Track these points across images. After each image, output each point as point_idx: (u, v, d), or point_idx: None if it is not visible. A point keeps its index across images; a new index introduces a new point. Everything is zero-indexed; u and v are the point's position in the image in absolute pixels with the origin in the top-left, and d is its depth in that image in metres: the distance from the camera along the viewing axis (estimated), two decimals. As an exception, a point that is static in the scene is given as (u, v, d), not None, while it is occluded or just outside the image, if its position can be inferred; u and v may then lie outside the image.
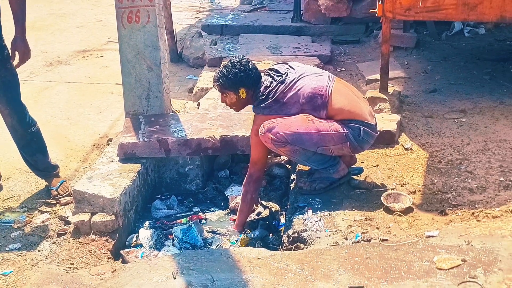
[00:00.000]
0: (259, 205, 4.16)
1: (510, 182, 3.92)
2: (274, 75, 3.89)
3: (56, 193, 4.29)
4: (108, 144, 4.90)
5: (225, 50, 6.95)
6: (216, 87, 3.96)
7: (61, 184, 4.43)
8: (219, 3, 10.45)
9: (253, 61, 4.00)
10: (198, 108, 5.43)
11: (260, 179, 4.02)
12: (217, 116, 4.66)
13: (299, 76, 3.87)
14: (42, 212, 4.25)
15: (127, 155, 4.29)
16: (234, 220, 4.15)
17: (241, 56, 3.95)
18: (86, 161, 4.99)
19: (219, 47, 7.16)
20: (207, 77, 6.29)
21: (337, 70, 6.42)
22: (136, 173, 4.14)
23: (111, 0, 4.60)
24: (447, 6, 4.86)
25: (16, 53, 4.12)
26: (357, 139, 3.79)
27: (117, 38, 4.74)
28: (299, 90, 3.81)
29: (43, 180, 4.54)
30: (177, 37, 7.77)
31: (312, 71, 4.00)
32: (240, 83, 3.82)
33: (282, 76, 3.86)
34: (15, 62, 4.14)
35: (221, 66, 3.94)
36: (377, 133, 3.96)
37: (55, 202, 4.36)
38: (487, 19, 5.20)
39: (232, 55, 6.58)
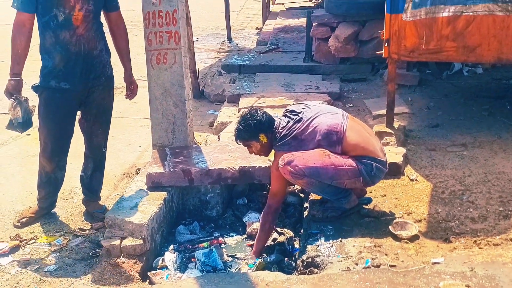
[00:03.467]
0: (274, 232, 4.14)
1: (509, 212, 3.87)
2: (291, 115, 3.92)
3: (102, 215, 4.29)
4: (137, 174, 4.91)
5: (243, 88, 6.97)
6: (240, 143, 4.00)
7: (104, 209, 4.46)
8: (237, 44, 10.51)
9: (267, 98, 4.02)
10: (218, 140, 5.43)
11: (278, 210, 4.01)
12: (236, 148, 4.66)
13: (315, 115, 3.87)
14: (76, 236, 4.25)
15: (154, 184, 4.29)
16: (251, 245, 4.12)
17: (248, 108, 4.00)
18: (117, 189, 5.00)
19: (238, 84, 7.18)
20: (226, 112, 6.31)
21: (346, 106, 6.41)
22: (163, 201, 4.14)
23: (141, 42, 4.65)
24: (448, 48, 4.86)
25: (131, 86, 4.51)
26: (369, 174, 3.77)
27: (145, 76, 4.78)
28: (315, 127, 3.81)
29: (84, 205, 4.59)
30: (199, 75, 7.82)
31: (327, 109, 4.01)
32: (257, 131, 3.86)
33: (299, 115, 3.88)
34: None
35: (236, 124, 3.98)
36: (387, 168, 3.94)
37: (89, 227, 4.37)
38: (485, 61, 5.21)
39: (249, 92, 6.67)
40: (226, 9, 10.53)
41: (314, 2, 11.33)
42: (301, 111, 3.91)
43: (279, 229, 4.17)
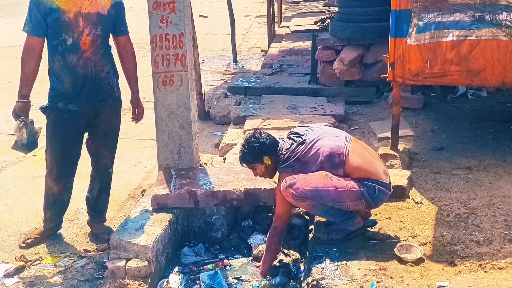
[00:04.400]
0: (281, 253, 4.13)
1: (514, 236, 3.86)
2: (294, 137, 3.95)
3: (107, 237, 4.28)
4: (142, 195, 4.92)
5: (249, 110, 7.00)
6: (244, 166, 4.03)
7: (110, 230, 4.47)
8: (242, 66, 10.57)
9: (273, 120, 4.04)
10: (224, 162, 5.45)
11: (283, 232, 4.01)
12: (242, 170, 4.67)
13: (318, 137, 3.89)
14: (81, 257, 4.25)
15: (159, 205, 4.30)
16: (258, 267, 4.12)
17: (253, 131, 4.03)
18: (122, 210, 5.00)
19: (243, 106, 7.21)
20: (232, 133, 6.33)
21: (351, 128, 6.43)
22: (168, 222, 4.14)
23: (148, 64, 4.70)
24: (452, 72, 4.89)
25: (136, 109, 4.55)
26: (372, 197, 3.77)
27: (151, 98, 4.81)
28: (318, 149, 3.83)
29: (89, 226, 4.60)
30: (205, 97, 7.86)
31: (330, 132, 4.03)
32: (261, 153, 3.88)
33: (302, 138, 3.90)
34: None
35: (240, 147, 4.02)
36: (390, 191, 3.94)
37: (94, 248, 4.37)
38: (489, 85, 5.23)
39: (254, 114, 6.70)
40: (232, 32, 10.61)
41: (319, 26, 11.39)
42: (305, 133, 3.94)
43: (285, 251, 4.17)
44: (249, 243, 4.46)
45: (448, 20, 4.79)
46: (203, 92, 7.63)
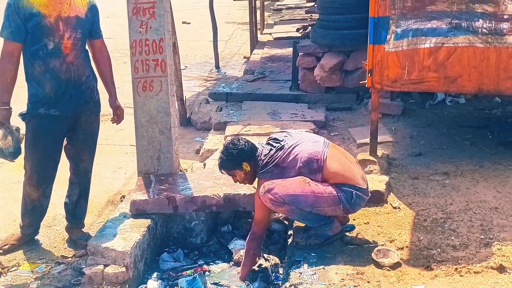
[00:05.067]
0: (261, 257, 4.13)
1: (490, 240, 3.90)
2: (273, 143, 3.96)
3: (85, 243, 4.22)
4: (122, 201, 4.89)
5: (230, 116, 7.00)
6: (223, 172, 4.03)
7: (88, 236, 4.43)
8: (225, 73, 10.57)
9: (254, 126, 4.05)
10: (204, 167, 5.43)
11: (262, 237, 4.02)
12: (221, 175, 4.64)
13: (296, 142, 3.91)
14: (59, 263, 4.22)
15: (138, 211, 4.28)
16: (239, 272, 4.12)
17: (231, 137, 4.04)
18: (101, 216, 4.97)
19: (224, 112, 7.21)
20: (213, 139, 6.32)
21: (331, 134, 6.45)
22: (146, 228, 4.12)
23: (129, 70, 4.69)
24: (429, 79, 4.93)
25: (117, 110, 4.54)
26: (349, 202, 3.79)
27: (132, 103, 4.79)
28: (297, 155, 3.85)
29: (67, 232, 4.56)
30: (187, 103, 7.84)
31: (309, 137, 4.06)
32: (240, 160, 3.88)
33: (280, 143, 3.92)
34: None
35: (219, 154, 4.02)
36: (368, 196, 3.96)
37: (72, 254, 4.34)
38: (466, 91, 5.30)
39: (235, 120, 6.70)
40: (214, 39, 10.62)
41: (301, 33, 11.42)
42: (283, 139, 3.95)
43: (265, 256, 4.17)
44: (229, 248, 4.45)
45: (425, 27, 4.83)
46: (184, 98, 7.62)
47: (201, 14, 15.32)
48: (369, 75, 5.04)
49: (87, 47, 4.29)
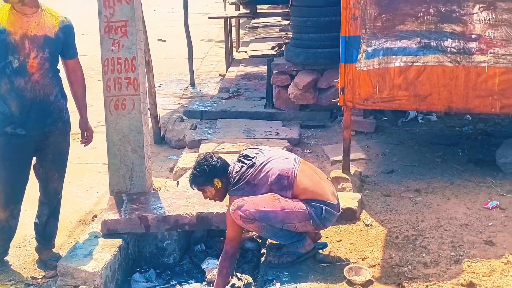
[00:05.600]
0: (234, 276, 4.10)
1: (460, 257, 3.93)
2: (245, 160, 3.97)
3: (56, 263, 4.15)
4: (93, 220, 4.84)
5: (204, 133, 6.99)
6: (194, 188, 4.02)
7: (58, 257, 4.36)
8: (200, 90, 10.55)
9: (228, 143, 4.06)
10: (177, 186, 5.41)
11: (235, 255, 4.00)
12: (194, 194, 4.63)
13: (267, 159, 3.93)
14: (28, 285, 4.15)
15: (109, 231, 4.23)
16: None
17: (204, 153, 4.03)
18: (72, 236, 4.91)
19: (199, 130, 7.20)
20: (187, 157, 6.30)
21: (305, 151, 6.48)
22: (118, 248, 4.08)
23: (101, 88, 4.66)
24: (400, 97, 5.00)
25: (85, 132, 4.49)
26: (319, 217, 3.81)
27: (104, 122, 4.76)
28: (268, 172, 3.86)
29: (37, 252, 4.49)
30: (161, 121, 7.81)
31: (279, 154, 4.07)
32: (212, 176, 3.88)
33: (252, 160, 3.92)
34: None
35: (191, 169, 4.00)
36: (339, 212, 3.98)
37: (42, 275, 4.27)
38: (436, 109, 5.37)
39: (210, 138, 6.69)
40: (189, 56, 10.61)
41: (276, 51, 11.48)
42: (255, 156, 3.96)
43: (239, 275, 4.14)
44: (202, 268, 4.41)
45: (395, 47, 4.90)
46: (158, 116, 7.59)
47: (176, 32, 15.32)
48: (341, 93, 5.09)
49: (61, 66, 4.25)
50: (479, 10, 4.70)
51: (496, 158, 5.39)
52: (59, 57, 4.21)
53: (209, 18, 12.32)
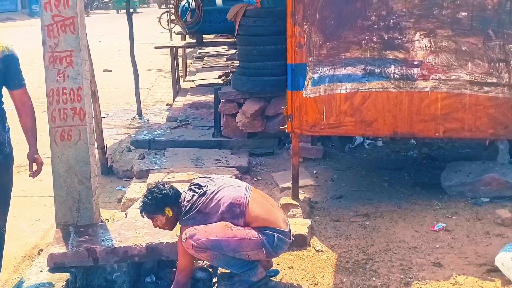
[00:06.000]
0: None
1: (410, 279, 3.99)
2: (196, 188, 3.95)
3: None
4: (39, 255, 4.69)
5: (152, 163, 6.92)
6: (144, 217, 3.97)
7: None
8: (147, 120, 10.49)
9: (177, 173, 4.03)
10: (126, 217, 5.32)
11: (186, 285, 3.97)
12: (144, 224, 4.57)
13: (219, 188, 3.92)
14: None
15: (56, 265, 4.11)
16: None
17: (156, 181, 4.01)
18: (17, 272, 4.74)
19: (147, 160, 7.13)
20: (135, 188, 6.22)
21: (254, 179, 6.49)
22: (65, 282, 3.97)
23: (46, 119, 4.57)
24: (347, 123, 5.09)
25: (34, 164, 4.27)
26: (271, 245, 3.81)
27: (50, 153, 4.66)
28: (219, 200, 3.85)
29: None
30: (108, 151, 7.70)
31: (231, 182, 4.07)
32: (163, 204, 3.85)
33: (203, 189, 3.91)
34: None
35: (142, 197, 3.95)
36: (290, 239, 3.99)
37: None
38: (382, 134, 5.49)
39: (158, 168, 6.63)
40: (136, 86, 10.56)
41: (223, 79, 11.56)
42: (206, 185, 3.95)
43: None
44: (153, 299, 4.34)
45: (341, 74, 5.01)
46: (105, 147, 7.48)
47: (122, 62, 15.24)
48: (288, 120, 5.15)
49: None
50: (420, 37, 4.86)
51: (441, 181, 5.53)
52: (2, 89, 4.09)
53: (155, 48, 12.31)
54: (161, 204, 3.86)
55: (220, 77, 11.99)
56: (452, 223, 4.83)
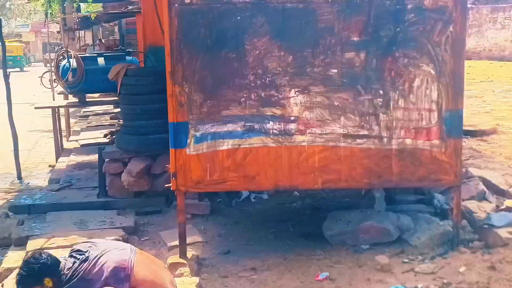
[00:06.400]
0: None
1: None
2: (77, 254, 3.83)
3: None
4: None
5: (32, 229, 6.60)
6: None
7: None
8: (28, 183, 10.05)
9: (59, 238, 3.90)
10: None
11: None
12: (22, 295, 4.33)
13: (102, 252, 3.82)
14: None
15: None
16: None
17: (32, 251, 3.86)
18: None
19: (26, 226, 6.79)
20: (13, 256, 5.88)
21: (142, 239, 6.36)
22: None
23: None
24: (231, 178, 5.17)
25: None
26: (155, 308, 3.74)
27: None
28: (103, 265, 3.75)
29: None
30: (-16, 219, 7.27)
31: (114, 245, 4.00)
32: (41, 275, 3.68)
33: (85, 254, 3.80)
34: None
35: (18, 270, 3.78)
36: (178, 301, 3.94)
37: None
38: (265, 188, 5.63)
39: (38, 233, 6.33)
40: (15, 148, 10.14)
41: (109, 138, 11.35)
42: (88, 250, 3.83)
43: None
44: None
45: (222, 131, 5.12)
46: (-19, 214, 7.06)
47: (1, 124, 14.62)
48: (173, 178, 5.16)
49: None
50: (295, 94, 5.09)
51: (323, 230, 5.71)
52: None
53: (35, 108, 11.93)
54: (39, 275, 3.67)
55: (105, 135, 11.77)
56: (335, 271, 4.98)
